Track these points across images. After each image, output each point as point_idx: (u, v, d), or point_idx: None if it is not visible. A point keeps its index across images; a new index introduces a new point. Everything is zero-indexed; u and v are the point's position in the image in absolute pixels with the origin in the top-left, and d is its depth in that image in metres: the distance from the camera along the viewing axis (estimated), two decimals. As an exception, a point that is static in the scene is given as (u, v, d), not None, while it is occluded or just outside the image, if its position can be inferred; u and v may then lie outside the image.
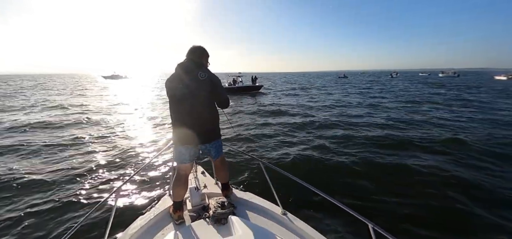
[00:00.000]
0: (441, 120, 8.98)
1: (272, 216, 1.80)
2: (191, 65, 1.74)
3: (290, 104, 15.07)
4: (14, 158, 5.28)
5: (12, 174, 4.36)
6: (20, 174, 4.37)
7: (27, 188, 3.93)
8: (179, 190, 1.80)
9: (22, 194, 3.75)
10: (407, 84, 33.59)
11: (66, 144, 6.21)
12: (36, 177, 4.28)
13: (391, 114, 10.41)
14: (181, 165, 1.78)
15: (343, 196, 3.61)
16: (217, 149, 1.88)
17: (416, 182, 4.05)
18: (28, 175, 4.33)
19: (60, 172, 4.46)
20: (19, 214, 3.26)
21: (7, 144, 6.16)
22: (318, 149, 5.71)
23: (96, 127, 8.35)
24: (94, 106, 13.63)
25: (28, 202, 3.53)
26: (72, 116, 10.20)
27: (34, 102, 14.90)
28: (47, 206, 3.42)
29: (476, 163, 4.81)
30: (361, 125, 8.48)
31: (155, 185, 3.93)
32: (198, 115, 1.71)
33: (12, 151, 5.68)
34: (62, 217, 3.20)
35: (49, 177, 4.28)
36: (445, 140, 6.27)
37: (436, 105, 13.18)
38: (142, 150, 5.73)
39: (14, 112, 11.28)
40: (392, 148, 5.80)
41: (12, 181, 4.11)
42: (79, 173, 4.40)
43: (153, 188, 3.84)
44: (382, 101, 15.27)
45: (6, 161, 5.11)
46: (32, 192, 3.82)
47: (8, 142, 6.35)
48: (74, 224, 1.24)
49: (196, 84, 1.69)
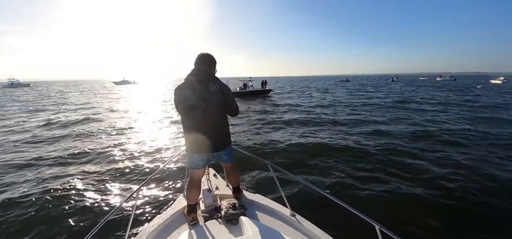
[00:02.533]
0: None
1: (281, 217, 1.85)
2: (202, 74, 1.78)
3: (298, 104, 15.24)
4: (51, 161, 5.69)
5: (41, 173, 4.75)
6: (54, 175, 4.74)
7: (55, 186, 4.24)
8: (192, 194, 1.87)
9: (49, 193, 4.04)
10: (412, 87, 33.38)
11: (92, 149, 6.59)
12: (70, 178, 4.63)
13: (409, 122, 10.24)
14: (194, 171, 1.84)
15: (350, 197, 3.65)
16: (228, 155, 1.93)
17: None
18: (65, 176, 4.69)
19: (90, 175, 4.79)
20: (47, 211, 3.54)
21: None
22: (325, 149, 5.73)
23: (116, 133, 8.74)
24: (112, 111, 14.33)
25: (56, 200, 3.82)
26: (104, 123, 10.48)
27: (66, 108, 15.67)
28: (74, 205, 3.69)
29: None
30: (370, 124, 8.39)
31: (171, 187, 4.12)
32: (210, 123, 1.75)
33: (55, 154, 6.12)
34: (89, 215, 3.44)
35: (80, 178, 4.62)
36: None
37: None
38: (160, 155, 5.98)
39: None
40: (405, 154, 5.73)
41: (40, 179, 4.47)
42: (104, 177, 4.70)
43: (169, 190, 4.03)
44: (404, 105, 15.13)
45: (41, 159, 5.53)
46: (63, 190, 4.13)
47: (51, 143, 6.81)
48: (100, 220, 1.37)
49: (208, 94, 1.73)
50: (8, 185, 4.42)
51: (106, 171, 5.00)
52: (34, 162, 5.57)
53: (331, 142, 6.53)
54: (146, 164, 5.37)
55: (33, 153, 6.22)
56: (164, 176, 4.40)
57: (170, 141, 7.35)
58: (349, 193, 3.81)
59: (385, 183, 4.12)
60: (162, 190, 4.00)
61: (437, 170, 4.58)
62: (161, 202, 3.63)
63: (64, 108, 16.11)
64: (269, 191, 2.65)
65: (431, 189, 3.85)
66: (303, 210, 1.90)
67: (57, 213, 3.51)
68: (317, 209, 3.19)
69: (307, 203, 3.30)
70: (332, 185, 4.05)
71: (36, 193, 4.02)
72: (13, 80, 58.45)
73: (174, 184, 4.20)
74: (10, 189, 4.27)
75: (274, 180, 1.96)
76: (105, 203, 3.74)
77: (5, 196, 3.97)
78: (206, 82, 1.76)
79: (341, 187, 4.03)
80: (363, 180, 4.23)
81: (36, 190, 4.12)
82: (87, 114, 13.07)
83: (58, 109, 15.42)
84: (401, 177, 4.35)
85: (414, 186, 3.97)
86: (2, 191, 4.20)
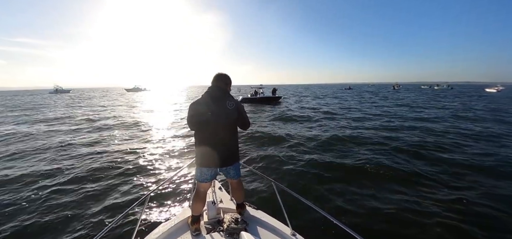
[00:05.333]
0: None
1: (282, 235, 1.86)
2: (219, 92, 1.89)
3: (305, 114, 15.40)
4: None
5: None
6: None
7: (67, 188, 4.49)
8: (197, 206, 1.95)
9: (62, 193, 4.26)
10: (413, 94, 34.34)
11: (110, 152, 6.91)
12: (84, 183, 4.86)
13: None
14: (201, 184, 1.92)
15: (352, 219, 3.61)
16: (236, 171, 2.02)
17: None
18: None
19: (106, 179, 5.00)
20: (55, 213, 3.70)
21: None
22: (330, 169, 5.66)
23: (127, 139, 9.11)
24: (127, 117, 15.01)
25: (67, 203, 3.99)
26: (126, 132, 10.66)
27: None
28: (81, 208, 3.84)
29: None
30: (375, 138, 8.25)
31: (177, 197, 4.18)
32: (222, 140, 1.85)
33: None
34: (96, 218, 3.54)
35: (94, 183, 4.82)
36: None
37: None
38: (169, 164, 6.11)
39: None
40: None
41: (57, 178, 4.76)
42: (114, 182, 4.88)
43: (175, 200, 4.09)
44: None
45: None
46: (73, 192, 4.35)
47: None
48: (109, 222, 1.45)
49: (224, 112, 1.84)
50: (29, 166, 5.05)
51: (116, 175, 5.17)
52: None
53: (342, 159, 6.41)
54: (157, 171, 5.52)
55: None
56: (171, 187, 4.50)
57: (178, 151, 7.49)
58: (353, 216, 3.75)
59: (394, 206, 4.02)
60: (168, 200, 4.06)
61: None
62: (167, 211, 3.69)
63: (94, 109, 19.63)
64: (272, 208, 2.68)
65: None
66: (304, 230, 1.91)
67: (60, 216, 3.64)
68: (318, 230, 3.18)
69: (309, 223, 3.30)
70: (336, 208, 4.01)
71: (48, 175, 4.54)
72: (58, 87, 70.39)
73: (180, 195, 4.26)
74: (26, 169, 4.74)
75: (277, 197, 1.99)
76: (114, 206, 3.87)
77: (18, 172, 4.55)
78: (223, 100, 1.88)
79: (345, 209, 3.98)
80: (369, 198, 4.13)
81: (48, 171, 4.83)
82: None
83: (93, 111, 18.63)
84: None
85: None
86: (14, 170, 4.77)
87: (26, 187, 4.53)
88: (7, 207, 3.84)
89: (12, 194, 4.23)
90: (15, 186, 4.56)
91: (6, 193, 4.27)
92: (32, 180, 4.83)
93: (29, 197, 4.15)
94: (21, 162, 6.04)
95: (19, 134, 9.66)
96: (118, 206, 3.87)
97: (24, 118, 15.27)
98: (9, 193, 4.26)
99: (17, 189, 4.44)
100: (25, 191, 4.33)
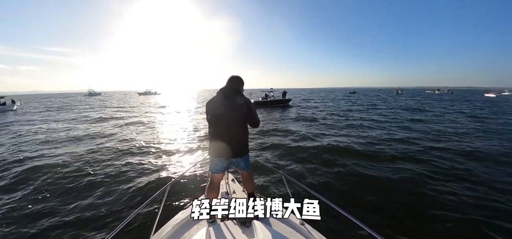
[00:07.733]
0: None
1: (292, 225, 1.95)
2: (230, 91, 2.05)
3: (313, 115, 15.33)
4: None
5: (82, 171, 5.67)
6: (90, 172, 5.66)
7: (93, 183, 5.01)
8: (212, 195, 2.10)
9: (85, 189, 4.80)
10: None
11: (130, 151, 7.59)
12: (105, 176, 5.39)
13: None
14: (214, 174, 2.09)
15: (361, 211, 3.62)
16: (245, 163, 2.13)
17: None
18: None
19: (125, 173, 5.45)
20: (80, 205, 4.11)
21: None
22: (338, 164, 5.66)
23: (147, 137, 9.87)
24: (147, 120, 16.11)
25: (91, 195, 4.41)
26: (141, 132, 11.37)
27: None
28: (105, 199, 4.24)
29: None
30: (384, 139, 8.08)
31: (194, 187, 4.53)
32: (233, 133, 1.98)
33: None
34: (120, 207, 3.92)
35: (114, 175, 5.34)
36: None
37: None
38: (186, 158, 6.61)
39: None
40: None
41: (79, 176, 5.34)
42: (135, 175, 5.35)
43: (192, 189, 4.43)
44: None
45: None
46: (98, 185, 4.84)
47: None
48: (131, 213, 1.62)
49: (234, 106, 1.98)
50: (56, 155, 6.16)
51: (136, 169, 5.68)
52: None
53: (350, 157, 6.32)
54: (173, 165, 5.97)
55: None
56: (189, 178, 4.84)
57: (195, 146, 7.90)
58: (360, 206, 3.76)
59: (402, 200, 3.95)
60: (186, 190, 4.39)
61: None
62: (185, 200, 3.99)
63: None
64: (282, 199, 2.79)
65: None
66: (313, 220, 2.01)
67: (88, 198, 4.23)
68: (327, 221, 3.24)
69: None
70: (347, 198, 4.07)
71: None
72: (91, 91, 76.96)
73: (197, 185, 4.59)
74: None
75: (286, 188, 2.11)
76: (136, 196, 4.33)
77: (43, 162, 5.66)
78: (234, 96, 2.03)
79: (354, 200, 4.02)
80: (378, 193, 4.10)
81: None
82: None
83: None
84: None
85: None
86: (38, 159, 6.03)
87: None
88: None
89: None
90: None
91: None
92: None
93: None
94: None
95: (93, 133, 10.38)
96: (141, 197, 4.28)
97: (81, 118, 16.16)
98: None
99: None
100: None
